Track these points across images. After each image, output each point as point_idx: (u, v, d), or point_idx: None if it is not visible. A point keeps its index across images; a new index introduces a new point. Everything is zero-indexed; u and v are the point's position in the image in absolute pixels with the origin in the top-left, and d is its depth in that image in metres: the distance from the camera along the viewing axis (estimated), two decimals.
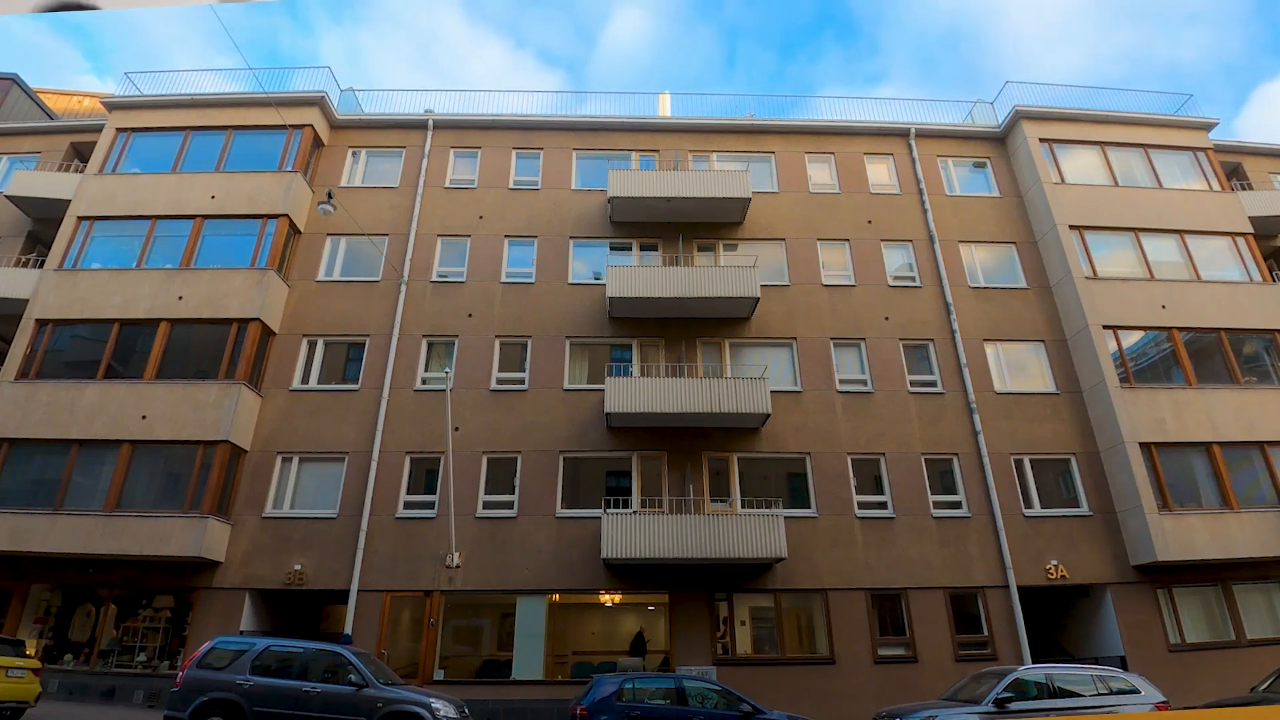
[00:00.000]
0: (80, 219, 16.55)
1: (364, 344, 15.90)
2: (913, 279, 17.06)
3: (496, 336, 16.01)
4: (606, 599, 14.62)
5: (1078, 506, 14.84)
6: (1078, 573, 14.15)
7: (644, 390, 14.40)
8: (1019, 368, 16.28)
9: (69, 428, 14.24)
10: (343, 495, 14.38)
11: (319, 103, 17.81)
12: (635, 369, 15.72)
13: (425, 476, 14.81)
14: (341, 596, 13.78)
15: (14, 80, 20.85)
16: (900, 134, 18.89)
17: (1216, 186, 17.96)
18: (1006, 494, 14.75)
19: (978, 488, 14.80)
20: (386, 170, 18.15)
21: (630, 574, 13.77)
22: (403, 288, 16.36)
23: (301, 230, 17.03)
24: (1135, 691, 9.59)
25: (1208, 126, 18.79)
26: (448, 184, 17.89)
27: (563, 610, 14.89)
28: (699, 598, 13.81)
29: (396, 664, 13.36)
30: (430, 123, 18.42)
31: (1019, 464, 15.15)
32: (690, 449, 14.96)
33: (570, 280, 16.72)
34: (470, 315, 16.19)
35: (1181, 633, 13.85)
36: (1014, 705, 9.22)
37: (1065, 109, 18.64)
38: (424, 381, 15.57)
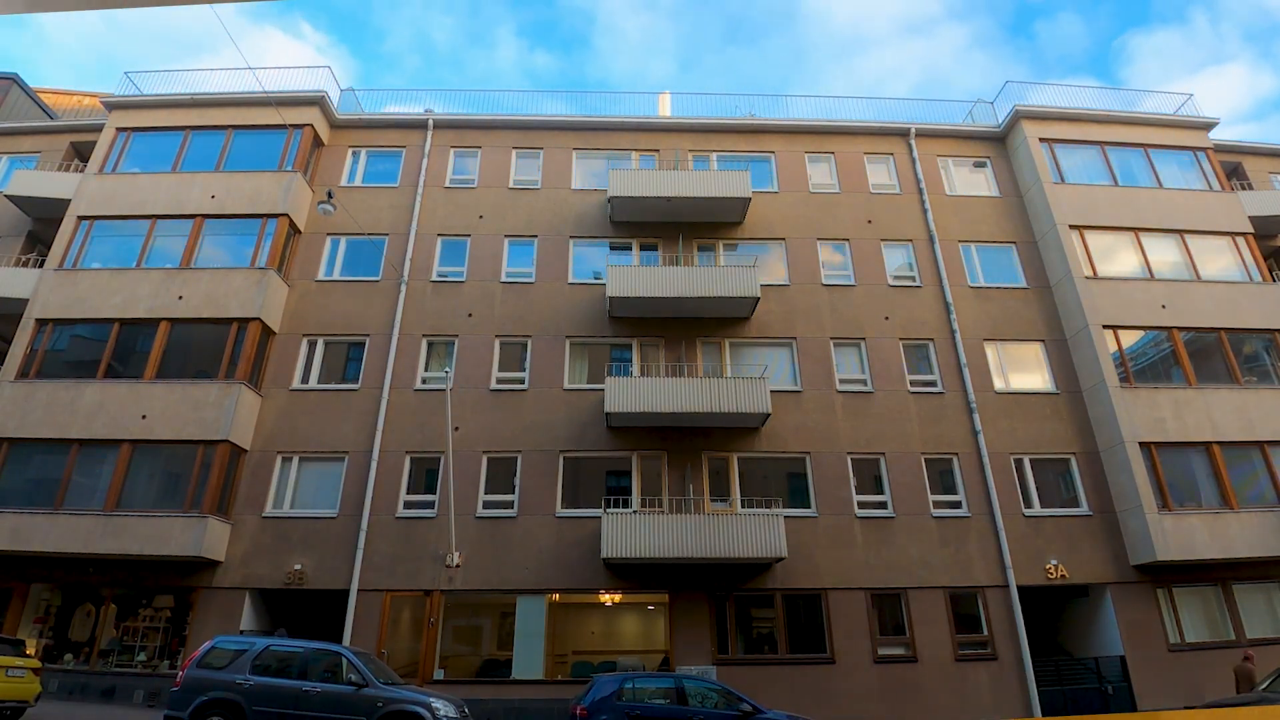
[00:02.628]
0: (80, 219, 16.55)
1: (364, 344, 15.90)
2: (913, 279, 17.06)
3: (496, 336, 16.00)
4: (606, 599, 14.62)
5: (1077, 506, 14.84)
6: (1077, 572, 14.15)
7: (644, 390, 14.39)
8: (1019, 368, 16.28)
9: (69, 427, 14.24)
10: (343, 495, 14.38)
11: (319, 102, 17.81)
12: (635, 369, 15.71)
13: (425, 476, 14.81)
14: (341, 596, 13.78)
15: (14, 80, 20.85)
16: (900, 134, 18.88)
17: (1216, 186, 17.95)
18: (1006, 494, 14.75)
19: (978, 487, 14.79)
20: (386, 170, 18.14)
21: (630, 573, 13.77)
22: (403, 287, 16.36)
23: (301, 230, 17.03)
24: None
25: (1208, 126, 18.79)
26: (448, 184, 17.89)
27: (563, 610, 14.89)
28: (699, 597, 13.81)
29: (396, 663, 13.36)
30: (430, 122, 18.42)
31: (1019, 464, 15.15)
32: (690, 449, 14.95)
33: (570, 280, 16.72)
34: (470, 315, 16.19)
35: (1181, 632, 13.85)
36: None
37: (1065, 108, 18.65)
38: (424, 381, 15.56)
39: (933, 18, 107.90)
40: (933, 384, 15.89)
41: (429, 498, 14.50)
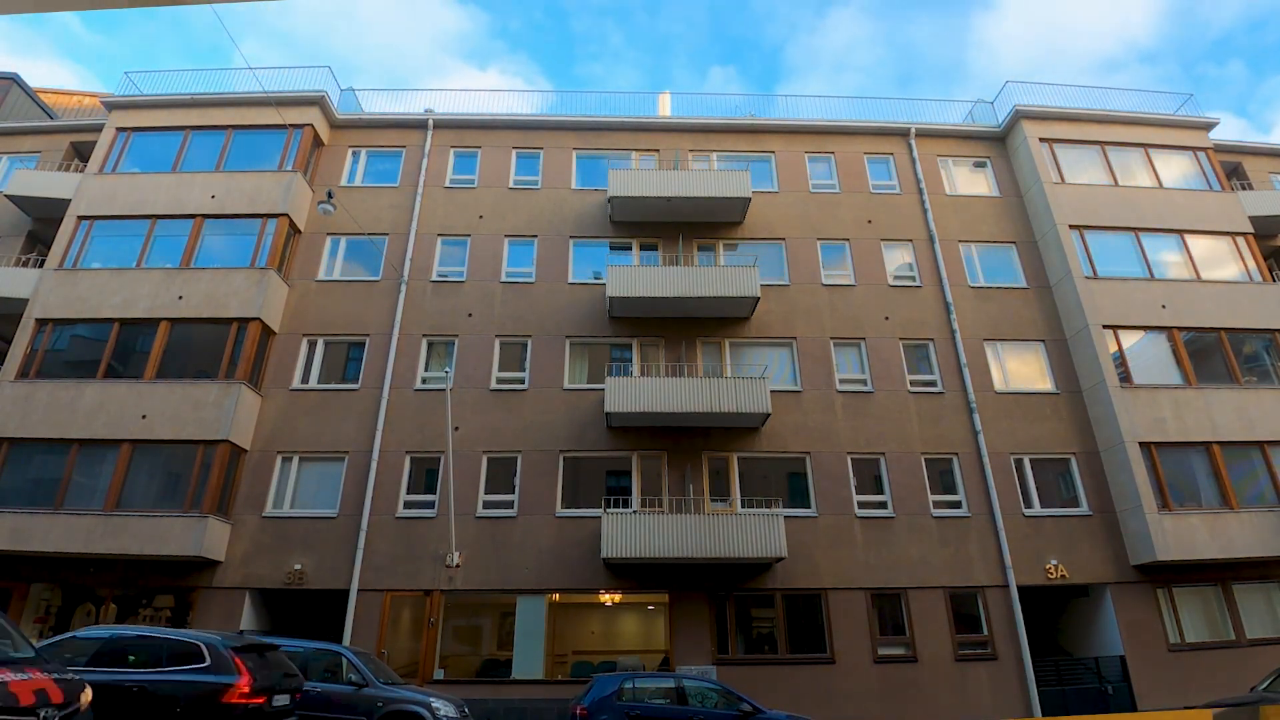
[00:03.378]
0: (80, 218, 16.54)
1: (364, 343, 15.90)
2: (913, 279, 17.06)
3: (496, 336, 16.01)
4: (606, 599, 14.62)
5: (1077, 506, 14.84)
6: (1077, 572, 14.15)
7: (644, 390, 14.40)
8: (1019, 367, 16.28)
9: (69, 427, 14.23)
10: (343, 495, 14.38)
11: (319, 102, 17.81)
12: (635, 369, 15.71)
13: (425, 476, 14.81)
14: (341, 596, 13.78)
15: (14, 80, 20.85)
16: (900, 134, 18.88)
17: (1216, 186, 17.96)
18: (1006, 494, 14.75)
19: (978, 487, 14.80)
20: (386, 170, 18.15)
21: (630, 573, 13.77)
22: (403, 287, 16.36)
23: (301, 230, 17.03)
24: None
25: (1208, 126, 18.79)
26: (448, 184, 17.89)
27: (563, 610, 14.90)
28: (699, 597, 13.81)
29: (396, 664, 13.36)
30: (430, 122, 18.42)
31: (1019, 464, 15.15)
32: (690, 449, 14.96)
33: (570, 280, 16.72)
34: (470, 315, 16.19)
35: (1181, 632, 13.85)
36: None
37: (1065, 108, 18.64)
38: (424, 381, 15.57)
39: (1120, 62, 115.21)
40: (933, 384, 15.89)
41: (429, 497, 14.50)
